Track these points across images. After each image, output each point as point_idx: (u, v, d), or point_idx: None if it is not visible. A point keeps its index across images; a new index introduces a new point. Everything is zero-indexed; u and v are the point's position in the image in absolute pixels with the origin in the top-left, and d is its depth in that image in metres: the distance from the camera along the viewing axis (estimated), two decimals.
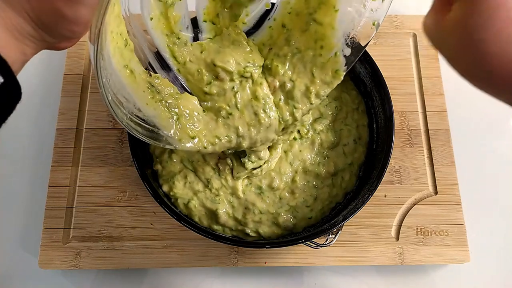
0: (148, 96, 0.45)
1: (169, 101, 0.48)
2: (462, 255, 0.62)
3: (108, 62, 0.38)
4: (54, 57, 0.74)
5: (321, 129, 0.63)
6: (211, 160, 0.59)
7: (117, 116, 0.40)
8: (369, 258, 0.62)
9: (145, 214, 0.64)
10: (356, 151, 0.62)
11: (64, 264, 0.61)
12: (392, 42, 0.75)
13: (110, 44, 0.38)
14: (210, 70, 0.50)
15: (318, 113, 0.64)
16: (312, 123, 0.63)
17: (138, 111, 0.44)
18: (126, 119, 0.42)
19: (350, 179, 0.62)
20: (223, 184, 0.59)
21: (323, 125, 0.63)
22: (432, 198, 0.65)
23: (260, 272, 0.63)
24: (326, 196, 0.60)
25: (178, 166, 0.60)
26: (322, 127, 0.63)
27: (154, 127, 0.46)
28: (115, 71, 0.40)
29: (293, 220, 0.59)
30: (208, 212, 0.58)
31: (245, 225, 0.58)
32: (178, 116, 0.48)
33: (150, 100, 0.45)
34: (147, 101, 0.45)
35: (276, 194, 0.60)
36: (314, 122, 0.63)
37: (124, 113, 0.42)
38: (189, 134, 0.49)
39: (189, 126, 0.49)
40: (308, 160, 0.61)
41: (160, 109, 0.46)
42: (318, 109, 0.64)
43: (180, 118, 0.48)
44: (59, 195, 0.64)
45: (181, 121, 0.48)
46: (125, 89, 0.42)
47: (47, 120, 0.70)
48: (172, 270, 0.63)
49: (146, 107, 0.45)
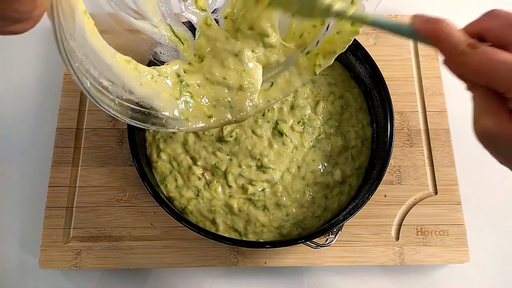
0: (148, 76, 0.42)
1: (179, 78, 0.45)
2: (462, 255, 0.62)
3: (82, 43, 0.34)
4: (54, 57, 0.74)
5: (332, 132, 0.62)
6: (197, 170, 0.59)
7: (100, 104, 0.37)
8: (369, 258, 0.62)
9: (145, 214, 0.64)
10: (362, 153, 0.62)
11: (64, 264, 0.61)
12: (392, 42, 0.75)
13: (86, 24, 0.34)
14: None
15: (328, 113, 0.63)
16: (323, 125, 0.62)
17: (129, 93, 0.40)
18: (114, 105, 0.38)
19: (357, 184, 0.61)
20: (214, 197, 0.59)
21: (333, 128, 0.62)
22: (432, 198, 0.65)
23: (260, 272, 0.63)
24: (336, 206, 0.59)
25: (167, 165, 0.60)
26: (332, 131, 0.62)
27: (151, 109, 0.42)
28: (95, 52, 0.36)
29: (298, 229, 0.59)
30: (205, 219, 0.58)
31: (245, 235, 0.58)
32: (192, 95, 0.45)
33: (147, 80, 0.42)
34: (142, 81, 0.41)
35: (282, 211, 0.59)
36: (324, 124, 0.62)
37: (111, 99, 0.38)
38: (206, 112, 0.46)
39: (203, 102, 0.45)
40: (319, 171, 0.60)
41: (162, 87, 0.43)
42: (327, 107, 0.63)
43: (194, 96, 0.45)
44: (59, 195, 0.64)
45: (194, 98, 0.45)
46: (111, 71, 0.38)
47: (47, 120, 0.69)
48: (172, 270, 0.63)
49: (141, 87, 0.41)
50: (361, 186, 0.60)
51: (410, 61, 0.74)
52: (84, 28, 0.34)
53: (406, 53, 0.74)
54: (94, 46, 0.36)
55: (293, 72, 0.50)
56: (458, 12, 0.81)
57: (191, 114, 0.46)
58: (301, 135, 0.61)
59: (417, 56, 0.74)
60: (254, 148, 0.59)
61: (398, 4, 0.79)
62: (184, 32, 0.48)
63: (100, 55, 0.37)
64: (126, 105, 0.40)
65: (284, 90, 0.50)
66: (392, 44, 0.75)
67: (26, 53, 0.74)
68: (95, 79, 0.36)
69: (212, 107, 0.48)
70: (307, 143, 0.61)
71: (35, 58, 0.75)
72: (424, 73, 0.73)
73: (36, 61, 0.75)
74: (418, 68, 0.73)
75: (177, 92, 0.45)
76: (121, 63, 0.39)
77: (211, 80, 0.47)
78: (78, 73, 0.34)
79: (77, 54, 0.34)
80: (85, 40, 0.35)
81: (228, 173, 0.58)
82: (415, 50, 0.74)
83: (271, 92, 0.50)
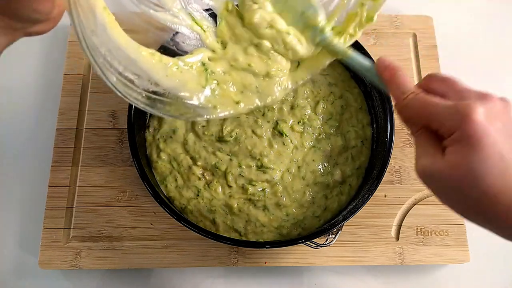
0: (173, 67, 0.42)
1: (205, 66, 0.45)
2: (462, 255, 0.62)
3: (105, 39, 0.35)
4: (54, 57, 0.74)
5: (332, 132, 0.62)
6: (197, 170, 0.59)
7: (128, 97, 0.37)
8: (369, 258, 0.62)
9: (145, 214, 0.64)
10: (362, 153, 0.62)
11: (64, 264, 0.61)
12: (392, 42, 0.75)
13: (107, 20, 0.35)
14: None
15: (328, 113, 0.63)
16: (323, 125, 0.62)
17: (155, 85, 0.40)
18: (141, 98, 0.39)
19: (357, 184, 0.61)
20: (214, 197, 0.59)
21: (333, 128, 0.62)
22: (432, 198, 0.65)
23: (260, 272, 0.63)
24: (336, 206, 0.59)
25: (167, 165, 0.60)
26: (332, 131, 0.62)
27: (178, 99, 0.43)
28: (118, 47, 0.36)
29: (298, 229, 0.59)
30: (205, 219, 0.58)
31: (245, 236, 0.58)
32: (218, 82, 0.45)
33: (173, 71, 0.42)
34: (167, 73, 0.41)
35: (283, 211, 0.59)
36: (324, 124, 0.62)
37: (138, 92, 0.39)
38: (234, 98, 0.46)
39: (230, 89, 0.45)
40: (319, 171, 0.60)
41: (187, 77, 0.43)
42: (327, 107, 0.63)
43: (220, 84, 0.45)
44: (59, 195, 0.64)
45: (221, 86, 0.45)
46: (136, 65, 0.38)
47: (47, 120, 0.69)
48: (172, 270, 0.63)
49: (166, 79, 0.41)
50: (361, 186, 0.60)
51: (410, 61, 0.74)
52: (105, 24, 0.34)
53: (406, 53, 0.74)
54: (117, 41, 0.36)
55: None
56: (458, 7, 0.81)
57: (218, 102, 0.46)
58: (301, 135, 0.61)
59: (417, 56, 0.74)
60: (254, 148, 0.59)
61: (398, 4, 0.79)
62: (205, 19, 0.47)
63: (124, 50, 0.37)
64: (153, 97, 0.40)
65: (312, 69, 0.49)
66: (392, 44, 0.75)
67: (26, 53, 0.74)
68: (121, 74, 0.37)
69: (240, 93, 0.47)
70: (307, 143, 0.61)
71: (35, 58, 0.75)
72: (424, 73, 0.72)
73: (36, 61, 0.75)
74: (418, 68, 0.73)
75: (203, 80, 0.45)
76: (146, 57, 0.39)
77: (236, 67, 0.47)
78: (104, 69, 0.34)
79: (101, 50, 0.34)
80: (108, 36, 0.35)
81: (228, 173, 0.58)
82: (415, 50, 0.74)
83: (298, 73, 0.49)
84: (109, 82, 0.35)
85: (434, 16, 0.76)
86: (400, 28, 0.75)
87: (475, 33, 0.79)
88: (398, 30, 0.75)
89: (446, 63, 0.74)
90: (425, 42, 0.74)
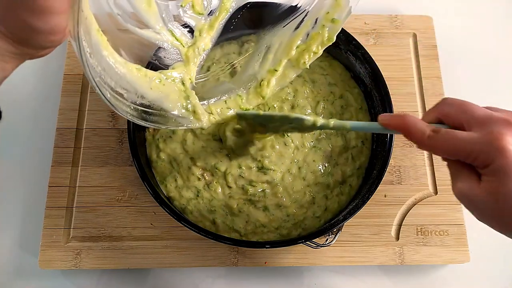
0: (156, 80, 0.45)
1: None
2: (462, 255, 0.62)
3: (99, 58, 0.38)
4: (54, 57, 0.74)
5: (332, 132, 0.62)
6: (196, 170, 0.59)
7: (119, 111, 0.40)
8: (369, 258, 0.62)
9: (145, 214, 0.64)
10: (363, 153, 0.62)
11: (64, 264, 0.61)
12: (392, 42, 0.75)
13: (100, 41, 0.37)
14: None
15: (328, 113, 0.63)
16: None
17: (141, 98, 0.44)
18: (130, 110, 0.42)
19: (358, 184, 0.61)
20: (214, 197, 0.59)
21: None
22: (432, 198, 0.65)
23: (260, 272, 0.63)
24: (336, 206, 0.59)
25: (167, 165, 0.60)
26: (332, 131, 0.62)
27: (161, 110, 0.46)
28: (109, 65, 0.39)
29: (298, 230, 0.58)
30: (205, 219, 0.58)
31: (245, 236, 0.58)
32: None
33: (156, 84, 0.45)
34: (151, 86, 0.45)
35: (283, 211, 0.59)
36: None
37: (127, 105, 0.42)
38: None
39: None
40: (319, 171, 0.60)
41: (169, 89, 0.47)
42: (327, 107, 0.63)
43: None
44: (59, 195, 0.64)
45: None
46: (124, 79, 0.41)
47: (47, 120, 0.69)
48: (172, 270, 0.63)
49: (151, 91, 0.45)
50: (361, 186, 0.60)
51: (410, 61, 0.74)
52: (99, 44, 0.37)
53: (406, 53, 0.74)
54: (109, 59, 0.39)
55: (287, 65, 0.55)
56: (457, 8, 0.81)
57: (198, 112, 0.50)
58: (302, 135, 0.61)
59: (417, 56, 0.74)
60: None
61: (398, 4, 0.79)
62: (184, 35, 0.51)
63: (114, 67, 0.40)
64: (140, 109, 0.44)
65: (280, 82, 0.56)
66: (392, 44, 0.75)
67: None
68: (113, 89, 0.40)
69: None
70: (308, 143, 0.61)
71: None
72: (424, 73, 0.72)
73: (36, 61, 0.75)
74: (418, 68, 0.73)
75: (184, 92, 0.49)
76: (132, 71, 0.43)
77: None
78: (100, 86, 0.37)
79: (96, 70, 0.37)
80: (101, 56, 0.38)
81: (227, 174, 0.58)
82: (415, 50, 0.74)
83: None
84: (104, 98, 0.38)
85: (434, 16, 0.76)
86: (400, 28, 0.75)
87: (475, 33, 0.79)
88: (398, 30, 0.75)
89: (446, 63, 0.74)
90: (425, 42, 0.74)
